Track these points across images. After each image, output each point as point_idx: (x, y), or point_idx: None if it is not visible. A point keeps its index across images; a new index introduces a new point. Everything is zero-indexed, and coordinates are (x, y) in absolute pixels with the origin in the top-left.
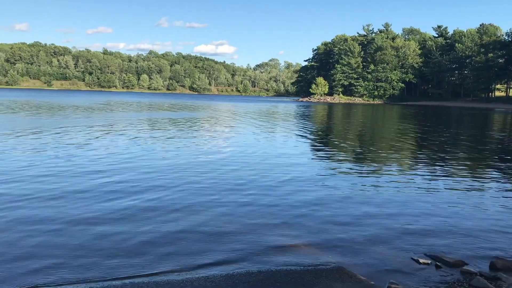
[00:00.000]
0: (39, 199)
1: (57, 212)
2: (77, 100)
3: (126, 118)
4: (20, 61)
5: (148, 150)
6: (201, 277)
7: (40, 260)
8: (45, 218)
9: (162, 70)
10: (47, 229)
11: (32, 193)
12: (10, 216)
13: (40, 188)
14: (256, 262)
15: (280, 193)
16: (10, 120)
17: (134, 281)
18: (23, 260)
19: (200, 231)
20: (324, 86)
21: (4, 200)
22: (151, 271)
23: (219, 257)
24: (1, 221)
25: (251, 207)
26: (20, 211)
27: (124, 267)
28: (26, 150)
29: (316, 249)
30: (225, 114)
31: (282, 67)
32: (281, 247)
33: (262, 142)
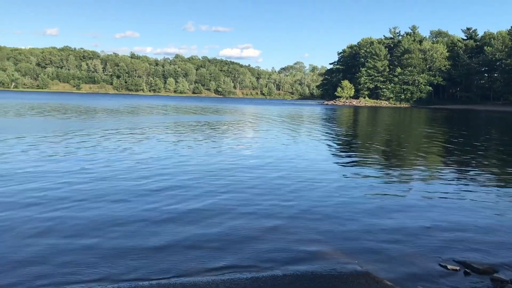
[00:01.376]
0: (101, 201)
1: (126, 214)
2: (107, 104)
3: (159, 121)
4: (51, 65)
5: (178, 153)
6: (226, 279)
7: (102, 259)
8: (112, 219)
9: (188, 74)
10: (118, 230)
11: (96, 195)
12: (81, 217)
13: (97, 190)
14: (282, 266)
15: (306, 198)
16: (48, 123)
17: (160, 282)
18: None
19: (228, 234)
20: (350, 89)
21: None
22: (178, 272)
23: (245, 260)
24: (70, 222)
25: (277, 211)
26: (93, 212)
27: (150, 268)
28: (80, 153)
29: (342, 254)
30: (251, 118)
31: (307, 70)
32: (307, 251)
33: (289, 146)
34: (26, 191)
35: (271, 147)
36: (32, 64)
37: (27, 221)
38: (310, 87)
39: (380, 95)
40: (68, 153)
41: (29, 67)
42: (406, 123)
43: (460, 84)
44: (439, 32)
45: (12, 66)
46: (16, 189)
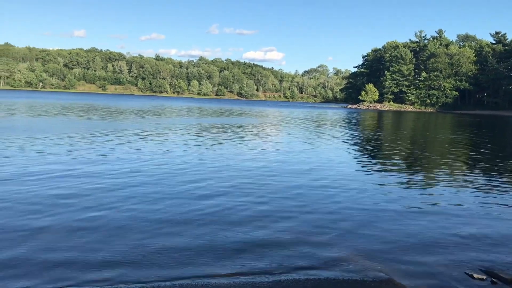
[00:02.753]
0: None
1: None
2: (134, 105)
3: (188, 124)
4: (77, 66)
5: (210, 157)
6: (248, 282)
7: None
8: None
9: (212, 76)
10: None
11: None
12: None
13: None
14: (304, 270)
15: (329, 203)
16: (78, 123)
17: (183, 283)
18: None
19: (250, 237)
20: (374, 93)
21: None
22: (200, 273)
23: (267, 264)
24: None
25: (299, 216)
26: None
27: (173, 268)
28: (125, 153)
29: (365, 260)
30: (275, 121)
31: (330, 74)
32: (329, 257)
33: (313, 150)
34: (86, 191)
35: (295, 151)
36: (60, 65)
37: (107, 221)
38: (333, 91)
39: (405, 100)
40: (114, 153)
41: (57, 67)
42: (431, 128)
43: (488, 89)
44: (467, 36)
45: (41, 66)
46: (79, 188)
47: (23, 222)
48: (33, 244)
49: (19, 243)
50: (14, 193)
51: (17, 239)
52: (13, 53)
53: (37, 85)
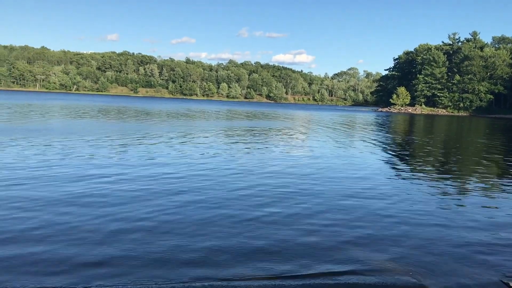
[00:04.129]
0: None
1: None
2: (167, 107)
3: (223, 126)
4: (110, 69)
5: (249, 160)
6: (277, 284)
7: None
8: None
9: (241, 79)
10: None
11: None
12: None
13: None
14: (334, 275)
15: (360, 208)
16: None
17: (213, 284)
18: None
19: (282, 240)
20: (406, 96)
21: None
22: (230, 275)
23: (297, 267)
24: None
25: (329, 219)
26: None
27: (205, 269)
28: (170, 155)
29: (396, 266)
30: (305, 124)
31: (361, 76)
32: (360, 261)
33: (345, 155)
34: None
35: (326, 154)
36: (93, 68)
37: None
38: (364, 94)
39: (437, 103)
40: (161, 157)
41: (90, 71)
42: (464, 133)
43: None
44: (503, 38)
45: (75, 69)
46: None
47: (101, 225)
48: (115, 244)
49: (108, 243)
50: (81, 195)
51: (103, 239)
52: (48, 57)
53: (71, 88)
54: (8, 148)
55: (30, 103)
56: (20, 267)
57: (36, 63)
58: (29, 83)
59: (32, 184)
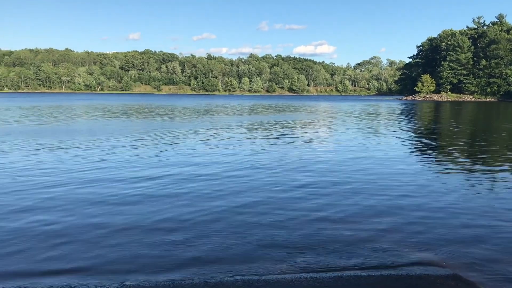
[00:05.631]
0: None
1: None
2: (192, 104)
3: (250, 121)
4: (133, 68)
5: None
6: (309, 277)
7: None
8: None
9: (262, 73)
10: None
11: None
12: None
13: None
14: (365, 265)
15: (389, 198)
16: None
17: (245, 278)
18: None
19: (312, 233)
20: (430, 83)
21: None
22: (264, 270)
23: (329, 259)
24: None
25: (359, 211)
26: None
27: (236, 264)
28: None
29: (430, 255)
30: (328, 115)
31: (384, 65)
32: (392, 252)
33: (371, 146)
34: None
35: (352, 146)
36: (116, 68)
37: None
38: (387, 82)
39: (463, 89)
40: (200, 154)
41: (114, 70)
42: (494, 118)
43: None
44: None
45: (98, 70)
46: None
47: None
48: (168, 241)
49: (155, 241)
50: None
51: (149, 237)
52: (73, 58)
53: (95, 88)
54: (49, 151)
55: (58, 104)
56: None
57: (61, 65)
58: (55, 85)
59: (89, 185)
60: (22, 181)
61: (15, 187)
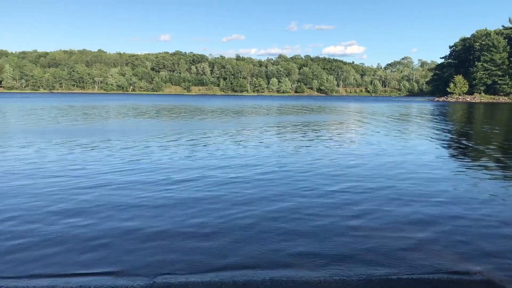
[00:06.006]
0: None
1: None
2: (224, 105)
3: (278, 121)
4: (164, 69)
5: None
6: (339, 279)
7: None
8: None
9: (291, 73)
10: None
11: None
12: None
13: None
14: (396, 269)
15: (427, 204)
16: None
17: (273, 278)
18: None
19: (343, 234)
20: (463, 84)
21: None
22: (295, 275)
23: (358, 262)
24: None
25: (390, 213)
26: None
27: (263, 261)
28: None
29: (462, 260)
30: (357, 116)
31: (415, 66)
32: (424, 255)
33: (402, 148)
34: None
35: (385, 149)
36: (147, 69)
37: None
38: (419, 83)
39: (498, 91)
40: (242, 154)
41: (145, 71)
42: None
43: None
44: None
45: (130, 71)
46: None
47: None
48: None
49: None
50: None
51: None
52: (105, 59)
53: (127, 88)
54: (83, 150)
55: (92, 104)
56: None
57: (94, 66)
58: (88, 85)
59: (134, 187)
60: (57, 182)
61: (50, 187)
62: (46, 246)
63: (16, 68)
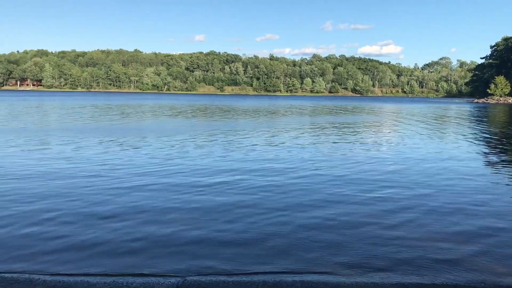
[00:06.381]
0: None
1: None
2: (256, 104)
3: (312, 122)
4: (198, 69)
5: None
6: (371, 282)
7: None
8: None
9: (325, 73)
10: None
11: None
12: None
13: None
14: (431, 274)
15: (463, 210)
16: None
17: (304, 280)
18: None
19: (378, 236)
20: (505, 86)
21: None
22: (323, 274)
23: (391, 266)
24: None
25: (426, 220)
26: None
27: (295, 263)
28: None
29: (500, 266)
30: (395, 117)
31: (454, 66)
32: (460, 261)
33: (439, 152)
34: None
35: (427, 153)
36: (182, 69)
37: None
38: (457, 84)
39: None
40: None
41: (179, 71)
42: None
43: None
44: None
45: (165, 70)
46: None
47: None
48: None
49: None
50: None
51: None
52: (141, 59)
53: (162, 88)
54: (121, 149)
55: (129, 103)
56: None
57: (130, 66)
58: (124, 85)
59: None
60: (95, 182)
61: (90, 185)
62: (80, 247)
63: (55, 67)
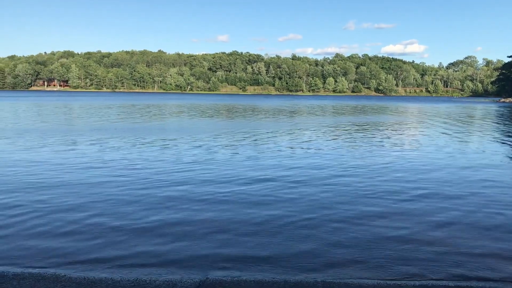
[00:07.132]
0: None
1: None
2: (279, 104)
3: (335, 122)
4: (220, 69)
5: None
6: (392, 284)
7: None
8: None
9: (348, 73)
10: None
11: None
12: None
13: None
14: (453, 277)
15: (504, 209)
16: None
17: (325, 280)
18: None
19: (400, 238)
20: None
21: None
22: (346, 275)
23: (411, 268)
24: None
25: (474, 223)
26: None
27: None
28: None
29: None
30: (421, 118)
31: (479, 65)
32: (484, 263)
33: (470, 151)
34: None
35: (452, 152)
36: (205, 69)
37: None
38: (483, 84)
39: None
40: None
41: (202, 71)
42: None
43: None
44: None
45: (188, 71)
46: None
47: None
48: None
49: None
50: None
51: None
52: (164, 59)
53: (185, 88)
54: (146, 148)
55: (154, 103)
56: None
57: (154, 66)
58: (148, 85)
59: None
60: (121, 180)
61: (116, 181)
62: (106, 238)
63: (81, 68)
